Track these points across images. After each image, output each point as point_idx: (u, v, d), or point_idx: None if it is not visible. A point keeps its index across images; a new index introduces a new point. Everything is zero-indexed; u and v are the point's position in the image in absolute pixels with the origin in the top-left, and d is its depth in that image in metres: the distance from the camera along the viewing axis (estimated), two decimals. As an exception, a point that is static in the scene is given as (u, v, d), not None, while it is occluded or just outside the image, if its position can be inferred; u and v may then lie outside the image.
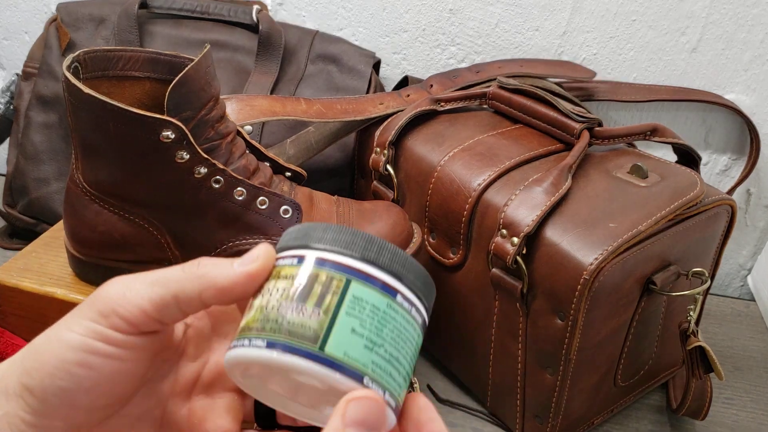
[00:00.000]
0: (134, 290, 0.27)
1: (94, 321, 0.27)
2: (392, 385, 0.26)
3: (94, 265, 0.54)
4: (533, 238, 0.51)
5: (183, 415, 0.31)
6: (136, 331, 0.27)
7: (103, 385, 0.27)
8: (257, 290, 0.28)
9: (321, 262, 0.27)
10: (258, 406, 0.33)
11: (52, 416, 0.27)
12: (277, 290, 0.27)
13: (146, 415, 0.30)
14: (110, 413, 0.29)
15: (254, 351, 0.26)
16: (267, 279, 0.28)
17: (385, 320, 0.27)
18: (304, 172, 0.59)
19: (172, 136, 0.47)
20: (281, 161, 0.58)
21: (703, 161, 0.82)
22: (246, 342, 0.26)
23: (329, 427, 0.24)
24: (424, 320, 0.29)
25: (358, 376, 0.25)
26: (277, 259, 0.29)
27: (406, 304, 0.28)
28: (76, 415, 0.27)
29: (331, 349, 0.25)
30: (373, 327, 0.26)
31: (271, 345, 0.26)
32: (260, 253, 0.28)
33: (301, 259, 0.27)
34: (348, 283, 0.27)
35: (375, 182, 0.66)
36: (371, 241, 0.27)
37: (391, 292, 0.27)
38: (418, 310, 0.28)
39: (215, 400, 0.32)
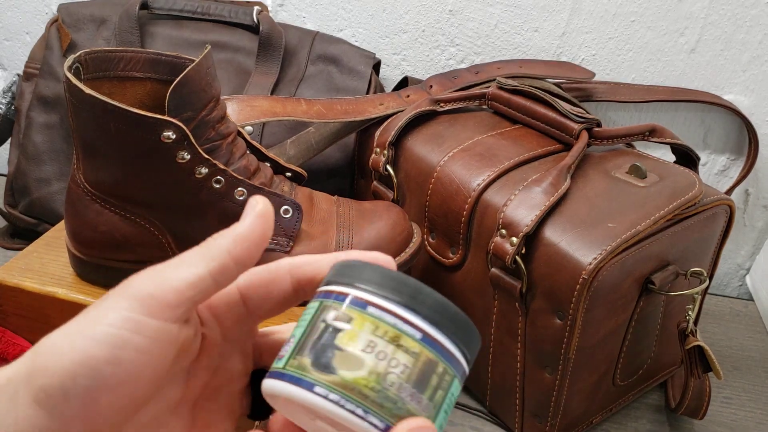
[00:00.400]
0: (166, 275, 0.26)
1: (129, 309, 0.25)
2: None
3: (96, 265, 0.54)
4: (532, 238, 0.51)
5: (187, 421, 0.30)
6: (173, 317, 0.26)
7: (128, 383, 0.26)
8: (359, 333, 0.25)
9: (441, 351, 0.26)
10: (255, 404, 0.32)
11: (71, 420, 0.25)
12: (397, 363, 0.25)
13: (153, 422, 0.29)
14: (127, 418, 0.27)
15: (369, 428, 0.24)
16: (375, 332, 0.25)
17: (453, 406, 0.27)
18: (304, 173, 0.59)
19: (173, 137, 0.47)
20: (282, 161, 0.58)
21: (701, 161, 0.82)
22: (361, 412, 0.24)
23: None
24: None
25: None
26: (395, 319, 0.26)
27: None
28: (96, 418, 0.25)
29: None
30: (447, 419, 0.26)
31: (387, 429, 0.24)
32: (255, 202, 0.28)
33: (425, 337, 0.26)
34: (454, 379, 0.26)
35: (375, 182, 0.66)
36: (473, 334, 0.27)
37: (462, 382, 0.27)
38: None
39: (220, 405, 0.31)
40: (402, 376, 0.25)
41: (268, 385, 0.26)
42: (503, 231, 0.52)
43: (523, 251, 0.52)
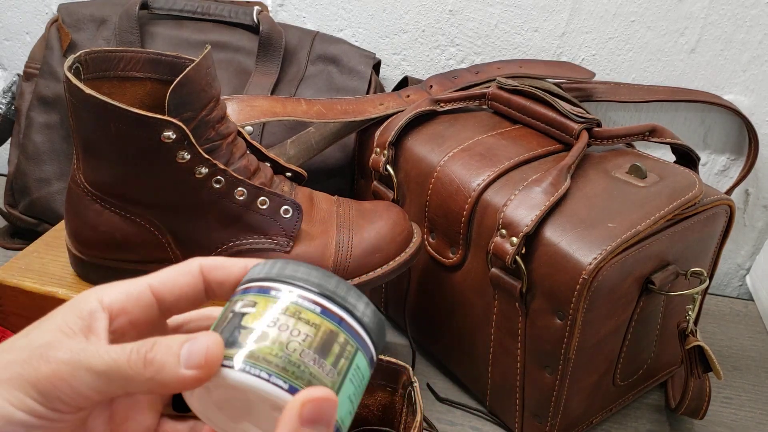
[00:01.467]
0: (80, 379, 0.26)
1: (35, 400, 0.26)
2: None
3: (96, 265, 0.54)
4: (532, 238, 0.51)
5: (105, 417, 0.31)
6: (77, 410, 0.27)
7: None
8: (262, 314, 0.28)
9: (341, 323, 0.28)
10: (177, 396, 0.33)
11: None
12: (299, 332, 0.27)
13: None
14: None
15: (273, 388, 0.26)
16: (277, 310, 0.28)
17: (363, 387, 0.29)
18: (304, 173, 0.59)
19: (173, 137, 0.47)
20: (282, 161, 0.58)
21: (701, 161, 0.82)
22: (266, 375, 0.26)
23: (284, 425, 0.25)
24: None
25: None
26: (296, 297, 0.28)
27: (369, 376, 0.30)
28: None
29: (339, 411, 0.27)
30: (358, 394, 0.29)
31: (293, 390, 0.26)
32: (210, 356, 0.26)
33: (324, 311, 0.28)
34: (357, 351, 0.28)
35: (375, 182, 0.66)
36: (375, 313, 0.29)
37: (372, 364, 0.29)
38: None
39: (135, 399, 0.31)
40: (304, 343, 0.27)
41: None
42: (503, 231, 0.52)
43: (523, 251, 0.52)
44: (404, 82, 0.76)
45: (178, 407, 0.33)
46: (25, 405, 0.26)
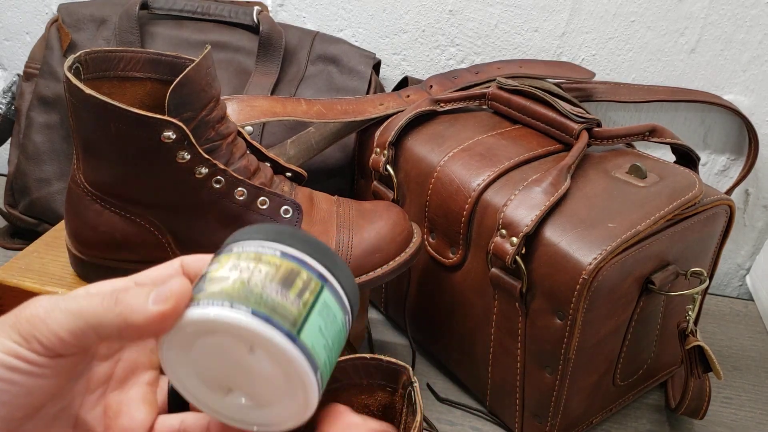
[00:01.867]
0: (54, 318, 0.28)
1: (16, 342, 0.27)
2: (323, 387, 0.30)
3: (96, 265, 0.54)
4: (532, 238, 0.51)
5: (98, 412, 0.32)
6: (55, 355, 0.28)
7: (22, 397, 0.28)
8: (225, 264, 0.29)
9: (303, 263, 0.30)
10: (172, 395, 0.34)
11: None
12: (260, 271, 0.29)
13: (61, 413, 0.31)
14: (26, 421, 0.29)
15: (236, 314, 0.27)
16: (239, 258, 0.29)
17: (339, 332, 0.31)
18: (304, 173, 0.59)
19: (173, 137, 0.47)
20: (282, 161, 0.58)
21: (701, 161, 0.82)
22: (228, 304, 0.27)
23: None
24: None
25: (316, 369, 0.28)
26: (256, 247, 0.30)
27: (347, 326, 0.32)
28: None
29: (305, 337, 0.28)
30: (331, 333, 0.30)
31: (255, 314, 0.27)
32: (175, 290, 0.28)
33: (285, 254, 0.30)
34: (322, 288, 0.30)
35: (375, 182, 0.66)
36: (342, 265, 0.31)
37: (345, 310, 0.31)
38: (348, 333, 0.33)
39: (129, 394, 0.33)
40: (266, 278, 0.28)
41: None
42: (503, 231, 0.52)
43: (523, 251, 0.52)
44: (404, 82, 0.76)
45: (173, 408, 0.34)
46: (7, 347, 0.27)
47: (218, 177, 0.50)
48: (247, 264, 0.29)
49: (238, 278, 0.28)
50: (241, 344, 0.28)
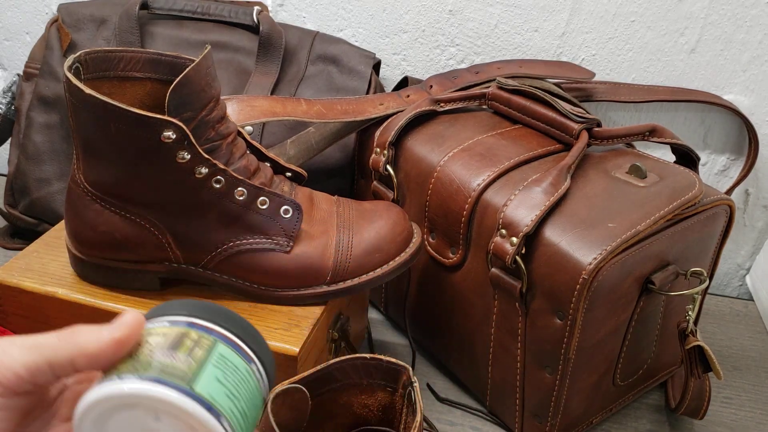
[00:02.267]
0: (10, 355, 0.29)
1: None
2: None
3: (96, 265, 0.54)
4: (532, 238, 0.51)
5: None
6: (10, 393, 0.29)
7: None
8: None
9: (191, 325, 0.32)
10: None
11: None
12: (149, 344, 0.31)
13: None
14: None
15: (127, 384, 0.29)
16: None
17: (244, 380, 0.32)
18: (304, 173, 0.59)
19: (174, 137, 0.47)
20: (282, 161, 0.58)
21: (701, 161, 0.82)
22: (116, 378, 0.30)
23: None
24: (266, 396, 0.35)
25: (218, 415, 0.30)
26: (149, 325, 0.32)
27: (257, 374, 0.33)
28: None
29: (200, 388, 0.30)
30: (233, 382, 0.31)
31: (143, 378, 0.29)
32: (128, 320, 0.30)
33: (173, 322, 0.32)
34: (215, 342, 0.32)
35: (375, 182, 0.66)
36: (240, 320, 0.34)
37: (248, 359, 0.33)
38: (265, 384, 0.34)
39: (52, 413, 0.33)
40: (155, 347, 0.31)
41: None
42: (503, 231, 0.52)
43: (523, 251, 0.52)
44: (404, 82, 0.76)
45: None
46: None
47: (218, 177, 0.50)
48: (141, 340, 0.31)
49: (127, 354, 0.31)
50: (147, 413, 0.30)
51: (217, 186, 0.50)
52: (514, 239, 0.51)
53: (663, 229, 0.52)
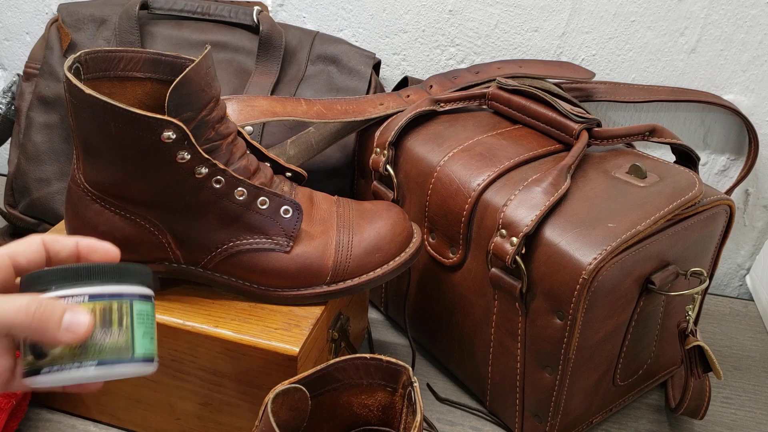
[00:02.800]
0: None
1: None
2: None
3: (96, 264, 0.54)
4: (532, 238, 0.51)
5: None
6: None
7: None
8: None
9: (110, 296, 0.38)
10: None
11: None
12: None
13: None
14: None
15: (88, 371, 0.37)
16: None
17: (152, 316, 0.40)
18: (304, 173, 0.59)
19: (174, 137, 0.47)
20: (282, 161, 0.58)
21: (701, 161, 0.82)
22: (77, 365, 0.36)
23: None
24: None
25: (152, 360, 0.40)
26: (62, 297, 0.37)
27: (153, 302, 0.41)
28: None
29: (138, 351, 0.39)
30: (150, 325, 0.40)
31: (101, 363, 0.37)
32: (83, 326, 0.36)
33: (92, 296, 0.37)
34: (132, 304, 0.39)
35: (375, 182, 0.66)
36: (127, 268, 0.39)
37: (150, 298, 0.40)
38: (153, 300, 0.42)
39: None
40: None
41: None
42: (503, 231, 0.52)
43: (523, 251, 0.52)
44: (404, 82, 0.76)
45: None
46: None
47: (218, 177, 0.50)
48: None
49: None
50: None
51: (217, 186, 0.50)
52: (514, 239, 0.51)
53: (663, 229, 0.52)
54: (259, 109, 0.64)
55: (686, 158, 0.61)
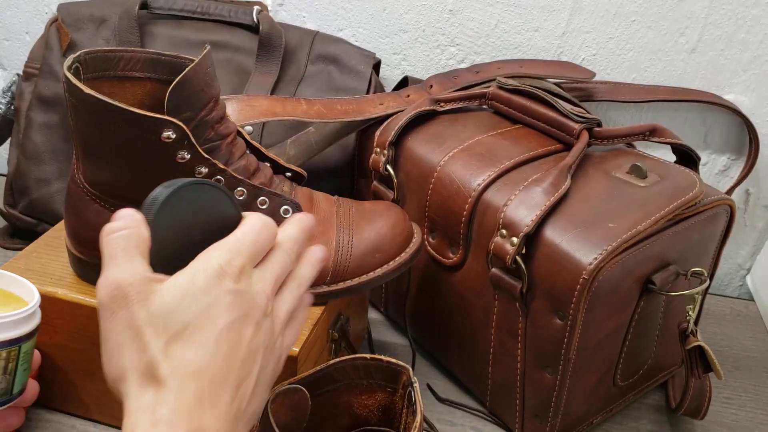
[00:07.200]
0: None
1: None
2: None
3: (96, 265, 0.54)
4: (533, 238, 0.51)
5: None
6: None
7: None
8: None
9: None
10: None
11: None
12: None
13: None
14: None
15: None
16: None
17: (34, 343, 0.46)
18: (304, 173, 0.59)
19: (173, 136, 0.47)
20: (282, 161, 0.58)
21: (702, 161, 0.82)
22: None
23: None
24: None
25: (24, 389, 0.46)
26: None
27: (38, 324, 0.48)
28: None
29: (17, 389, 0.46)
30: (30, 356, 0.45)
31: None
32: None
33: None
34: (19, 348, 0.43)
35: (375, 182, 0.66)
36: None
37: (36, 329, 0.47)
38: None
39: None
40: None
41: None
42: (503, 231, 0.52)
43: (524, 251, 0.52)
44: (404, 82, 0.76)
45: None
46: None
47: (218, 177, 0.50)
48: None
49: None
50: None
51: (217, 186, 0.50)
52: (515, 239, 0.51)
53: (663, 229, 0.52)
54: (258, 109, 0.64)
55: (687, 158, 0.61)
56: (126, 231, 0.35)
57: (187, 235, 0.37)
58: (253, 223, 0.38)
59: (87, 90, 0.45)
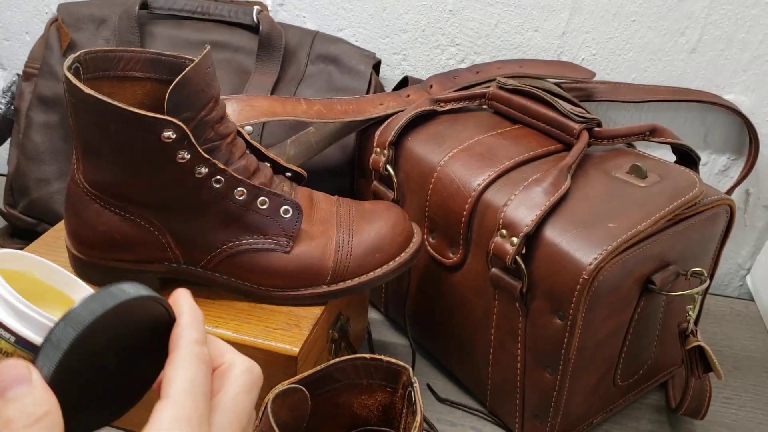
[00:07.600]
0: None
1: None
2: None
3: (96, 265, 0.54)
4: (533, 238, 0.51)
5: None
6: None
7: None
8: None
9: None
10: None
11: None
12: None
13: None
14: None
15: None
16: None
17: None
18: (304, 173, 0.59)
19: (173, 136, 0.47)
20: (281, 161, 0.58)
21: (702, 161, 0.82)
22: None
23: None
24: None
25: None
26: None
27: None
28: None
29: None
30: None
31: None
32: None
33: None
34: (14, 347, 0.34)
35: (375, 182, 0.66)
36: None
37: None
38: None
39: None
40: None
41: None
42: (503, 231, 0.52)
43: (524, 251, 0.52)
44: (404, 82, 0.76)
45: None
46: None
47: (218, 177, 0.50)
48: None
49: None
50: None
51: (217, 186, 0.50)
52: (515, 239, 0.51)
53: (663, 229, 0.52)
54: (258, 108, 0.64)
55: (687, 158, 0.61)
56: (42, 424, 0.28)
57: (101, 370, 0.33)
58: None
59: (87, 90, 0.45)
